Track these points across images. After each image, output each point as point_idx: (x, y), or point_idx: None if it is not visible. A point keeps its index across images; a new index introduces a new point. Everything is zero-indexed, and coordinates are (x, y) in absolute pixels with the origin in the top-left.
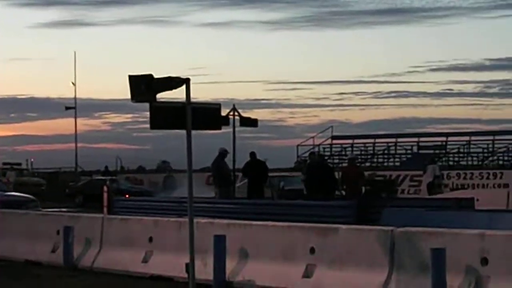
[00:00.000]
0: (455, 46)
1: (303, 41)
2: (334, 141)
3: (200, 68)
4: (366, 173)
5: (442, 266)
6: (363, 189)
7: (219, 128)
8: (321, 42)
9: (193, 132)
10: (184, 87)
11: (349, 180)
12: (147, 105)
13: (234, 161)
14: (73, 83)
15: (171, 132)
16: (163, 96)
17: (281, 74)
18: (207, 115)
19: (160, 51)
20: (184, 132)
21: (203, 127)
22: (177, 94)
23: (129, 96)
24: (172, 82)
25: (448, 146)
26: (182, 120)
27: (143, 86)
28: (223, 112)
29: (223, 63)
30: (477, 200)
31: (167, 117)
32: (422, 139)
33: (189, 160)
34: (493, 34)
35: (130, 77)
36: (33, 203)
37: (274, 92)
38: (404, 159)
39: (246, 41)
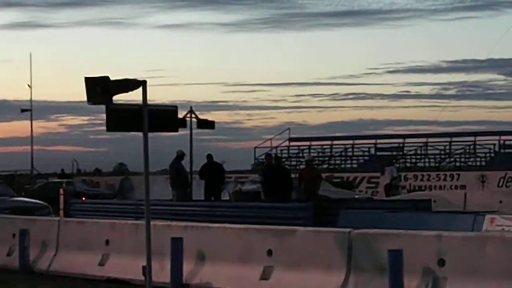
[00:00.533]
0: (412, 48)
1: (260, 43)
2: (292, 143)
3: (157, 70)
4: (323, 175)
5: (399, 267)
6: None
7: (176, 130)
8: (279, 44)
9: (150, 134)
10: (140, 89)
11: (306, 182)
12: (103, 107)
13: (191, 163)
14: (29, 85)
15: (128, 134)
16: (120, 98)
17: (239, 76)
18: (164, 117)
19: (116, 53)
20: (141, 134)
21: (160, 129)
22: (134, 96)
23: (85, 98)
24: (129, 84)
25: (405, 148)
26: (139, 122)
27: (100, 88)
28: (180, 114)
29: (181, 65)
30: (434, 201)
31: (123, 119)
32: (379, 141)
33: (145, 162)
34: (450, 36)
35: (86, 79)
36: (46, 210)
37: (231, 94)
38: (362, 161)
39: (204, 43)
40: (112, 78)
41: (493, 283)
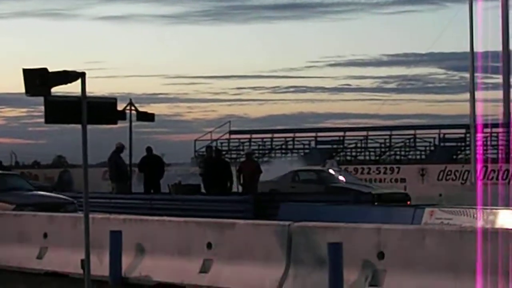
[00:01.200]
0: (353, 41)
1: (201, 35)
2: (232, 136)
3: (97, 62)
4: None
5: (339, 260)
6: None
7: (115, 123)
8: (220, 36)
9: (89, 126)
10: (79, 81)
11: (246, 175)
12: (42, 99)
13: (130, 156)
14: None
15: (67, 126)
16: (59, 90)
17: (180, 69)
18: (103, 109)
19: (56, 44)
20: (80, 126)
21: (99, 122)
22: (73, 88)
23: (23, 90)
24: (68, 76)
25: (346, 141)
26: (78, 115)
27: (38, 80)
28: (120, 107)
29: (121, 57)
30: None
31: (62, 111)
32: (320, 134)
33: (84, 155)
34: (391, 29)
35: (25, 70)
36: (72, 206)
37: (172, 86)
38: (302, 154)
39: (144, 35)
40: (51, 70)
41: (431, 276)
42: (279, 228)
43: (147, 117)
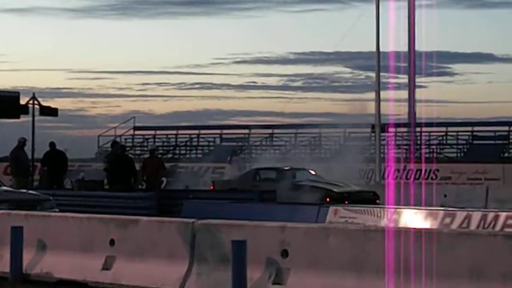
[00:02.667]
0: (260, 39)
1: (107, 30)
2: (136, 132)
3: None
4: (167, 165)
5: (242, 258)
6: (165, 180)
7: (18, 117)
8: (125, 31)
9: None
10: None
11: (150, 171)
12: None
13: (33, 150)
14: None
15: None
16: None
17: (84, 63)
18: (5, 103)
19: None
20: None
21: (1, 116)
22: None
23: None
24: None
25: (251, 139)
26: None
27: None
28: (23, 101)
29: (24, 50)
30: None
31: None
32: (225, 131)
33: None
34: (298, 28)
35: None
36: (49, 203)
37: (76, 81)
38: (207, 151)
39: (49, 29)
40: None
41: (335, 274)
42: (182, 225)
43: (51, 111)
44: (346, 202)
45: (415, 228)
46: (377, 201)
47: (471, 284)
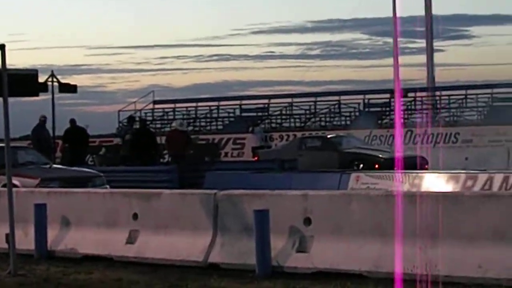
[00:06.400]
0: (277, 8)
1: (123, 5)
2: (156, 106)
3: (18, 34)
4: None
5: (265, 227)
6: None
7: (37, 95)
8: (141, 6)
9: (11, 99)
10: None
11: (174, 144)
12: None
13: (54, 128)
14: None
15: None
16: None
17: (102, 39)
18: (24, 81)
19: None
20: (0, 99)
21: (20, 94)
22: None
23: None
24: None
25: (271, 109)
26: None
27: None
28: (41, 79)
29: (43, 29)
30: None
31: None
32: (244, 102)
33: (6, 128)
34: None
35: None
36: (100, 179)
37: (94, 57)
38: (227, 122)
39: (66, 7)
40: None
41: (358, 240)
42: (205, 196)
43: (70, 88)
44: (394, 168)
45: (437, 192)
46: (426, 166)
47: (495, 245)
